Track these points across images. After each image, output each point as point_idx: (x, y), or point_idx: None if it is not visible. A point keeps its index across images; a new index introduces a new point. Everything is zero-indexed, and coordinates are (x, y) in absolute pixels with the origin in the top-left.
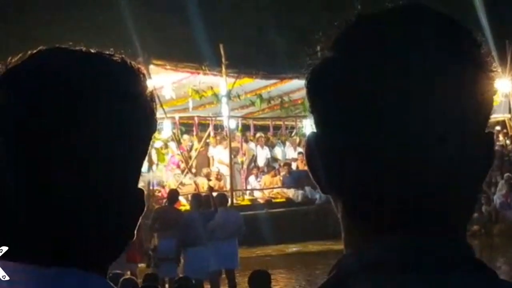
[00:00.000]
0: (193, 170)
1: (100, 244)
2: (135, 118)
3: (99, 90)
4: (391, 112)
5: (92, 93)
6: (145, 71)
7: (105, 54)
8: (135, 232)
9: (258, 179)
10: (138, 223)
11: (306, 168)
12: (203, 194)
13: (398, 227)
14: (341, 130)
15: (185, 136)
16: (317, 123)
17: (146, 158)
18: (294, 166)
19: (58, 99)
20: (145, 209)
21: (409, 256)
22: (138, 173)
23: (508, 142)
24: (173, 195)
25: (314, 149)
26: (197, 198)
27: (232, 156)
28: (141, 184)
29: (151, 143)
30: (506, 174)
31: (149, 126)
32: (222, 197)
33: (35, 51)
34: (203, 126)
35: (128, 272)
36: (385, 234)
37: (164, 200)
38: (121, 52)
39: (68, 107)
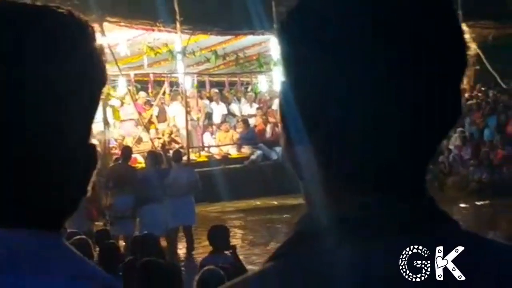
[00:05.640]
0: (157, 127)
1: (52, 201)
2: (82, 71)
3: (42, 43)
4: (366, 62)
5: (34, 46)
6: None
7: (50, 7)
8: (90, 188)
9: (214, 136)
10: (92, 179)
11: (264, 125)
12: (159, 151)
13: (368, 185)
14: (320, 79)
15: (142, 93)
16: (292, 72)
17: (101, 116)
18: (251, 121)
19: None
20: (102, 167)
21: (379, 215)
22: (88, 128)
23: None
24: (127, 152)
25: (289, 99)
26: (152, 156)
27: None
28: (96, 143)
29: (107, 101)
30: (459, 129)
31: (98, 79)
32: (177, 154)
33: None
34: (159, 83)
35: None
36: (356, 191)
37: (115, 157)
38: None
39: (4, 62)
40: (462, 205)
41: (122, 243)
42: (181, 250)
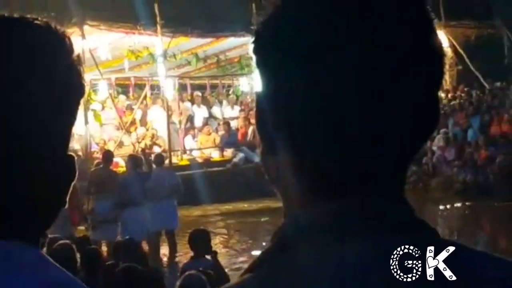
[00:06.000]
0: (138, 131)
1: (30, 213)
2: (60, 83)
3: (19, 55)
4: (344, 67)
5: (11, 59)
6: (69, 35)
7: (28, 19)
8: (69, 196)
9: (195, 139)
10: (71, 189)
11: (246, 128)
12: (140, 154)
13: (344, 190)
14: (296, 86)
15: (121, 97)
16: (268, 82)
17: (83, 120)
18: (233, 123)
19: None
20: (83, 171)
21: (353, 219)
22: (66, 139)
23: (442, 95)
24: (108, 156)
25: (265, 106)
26: (132, 159)
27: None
28: (78, 147)
29: (89, 105)
30: (442, 130)
31: (75, 90)
32: (159, 157)
33: None
34: (140, 87)
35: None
36: (331, 198)
37: (97, 161)
38: (50, 15)
39: None
40: (446, 206)
41: (105, 247)
42: (164, 254)
